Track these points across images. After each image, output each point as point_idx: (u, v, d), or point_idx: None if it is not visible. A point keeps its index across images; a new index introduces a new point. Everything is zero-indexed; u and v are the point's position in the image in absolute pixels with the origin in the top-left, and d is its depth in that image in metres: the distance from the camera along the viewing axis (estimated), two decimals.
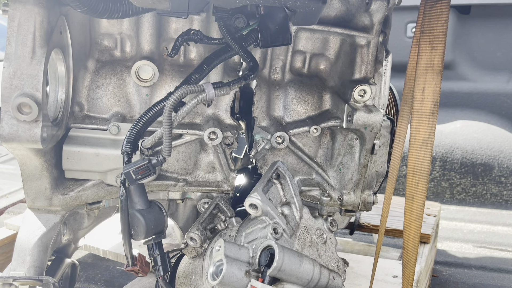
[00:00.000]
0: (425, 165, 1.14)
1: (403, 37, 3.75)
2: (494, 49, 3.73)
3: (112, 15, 1.17)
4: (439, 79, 1.11)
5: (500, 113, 3.67)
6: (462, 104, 3.74)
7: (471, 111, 3.70)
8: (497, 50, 3.74)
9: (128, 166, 1.06)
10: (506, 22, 3.64)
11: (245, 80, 1.15)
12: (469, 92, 3.74)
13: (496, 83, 3.70)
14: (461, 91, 3.77)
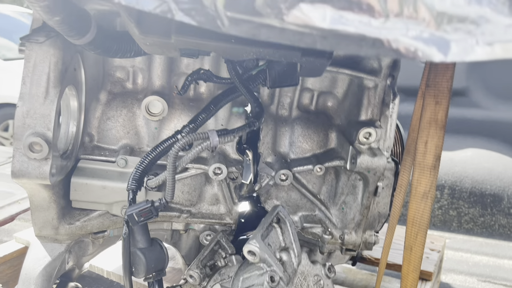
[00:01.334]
0: (425, 218, 1.15)
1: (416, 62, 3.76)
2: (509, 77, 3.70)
3: (125, 55, 1.20)
4: (442, 133, 1.12)
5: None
6: (474, 132, 3.71)
7: (483, 140, 3.66)
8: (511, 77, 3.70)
9: (131, 208, 1.09)
10: None
11: (249, 128, 1.17)
12: (482, 120, 3.71)
13: (510, 112, 3.66)
14: (474, 118, 3.74)
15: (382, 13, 0.56)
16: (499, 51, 0.55)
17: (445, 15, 0.56)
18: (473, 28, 0.56)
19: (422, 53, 0.55)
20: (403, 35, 0.56)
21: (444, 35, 0.56)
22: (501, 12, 0.57)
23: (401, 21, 0.56)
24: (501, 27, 0.56)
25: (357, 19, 0.56)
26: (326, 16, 0.56)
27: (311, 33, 0.57)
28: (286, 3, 0.56)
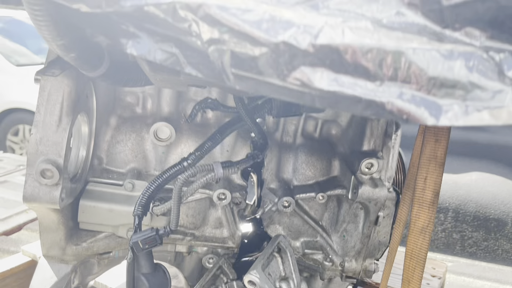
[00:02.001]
0: (423, 252, 1.17)
1: None
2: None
3: (136, 84, 1.25)
4: (441, 170, 1.15)
5: None
6: (479, 155, 3.72)
7: (489, 163, 3.67)
8: None
9: (137, 235, 1.12)
10: None
11: (253, 160, 1.21)
12: (487, 144, 3.72)
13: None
14: (480, 141, 3.76)
15: (378, 76, 0.60)
16: (487, 117, 0.58)
17: (437, 80, 0.60)
18: (463, 94, 0.59)
19: (415, 116, 0.59)
20: (397, 98, 0.59)
21: (435, 99, 0.59)
22: (490, 78, 0.60)
23: (395, 85, 0.60)
24: (490, 93, 0.59)
25: (354, 82, 0.60)
26: (325, 78, 0.60)
27: (310, 93, 0.61)
28: (288, 66, 0.60)
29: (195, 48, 0.65)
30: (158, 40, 0.68)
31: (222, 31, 0.61)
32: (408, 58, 0.60)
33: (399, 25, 0.64)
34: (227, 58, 0.63)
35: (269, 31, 0.59)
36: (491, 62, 0.61)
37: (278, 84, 0.62)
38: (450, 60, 0.60)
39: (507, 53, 0.61)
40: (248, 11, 0.60)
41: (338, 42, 0.59)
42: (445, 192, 3.46)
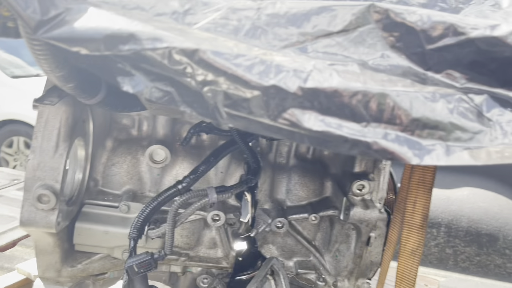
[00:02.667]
0: (412, 274, 1.20)
1: None
2: None
3: (132, 110, 1.27)
4: (430, 195, 1.18)
5: (509, 183, 3.67)
6: (471, 171, 3.76)
7: (480, 178, 3.71)
8: None
9: (132, 259, 1.14)
10: None
11: (246, 185, 1.24)
12: None
13: None
14: None
15: (363, 118, 0.63)
16: (467, 158, 0.61)
17: (420, 121, 0.63)
18: (445, 134, 0.63)
19: (399, 155, 0.62)
20: (382, 139, 0.62)
21: (419, 140, 0.62)
22: (470, 119, 0.63)
23: (380, 126, 0.63)
24: (470, 134, 0.62)
25: (341, 123, 0.63)
26: (313, 119, 0.63)
27: (300, 132, 0.64)
28: (278, 107, 0.63)
29: (190, 88, 0.68)
30: (154, 79, 0.71)
31: (216, 74, 0.64)
32: (393, 100, 0.63)
33: (384, 67, 0.67)
34: (221, 99, 0.66)
35: (261, 75, 0.62)
36: (471, 103, 0.64)
37: (269, 123, 0.65)
38: (432, 102, 0.64)
39: (486, 95, 0.65)
40: (240, 56, 0.63)
41: (325, 86, 0.62)
42: (437, 207, 3.50)
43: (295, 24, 0.70)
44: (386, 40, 0.69)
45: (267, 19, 0.70)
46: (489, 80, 0.67)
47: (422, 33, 0.67)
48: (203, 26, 0.70)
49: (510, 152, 0.61)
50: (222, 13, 0.71)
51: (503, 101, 0.65)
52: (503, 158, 0.60)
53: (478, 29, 0.64)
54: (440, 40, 0.66)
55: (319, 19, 0.70)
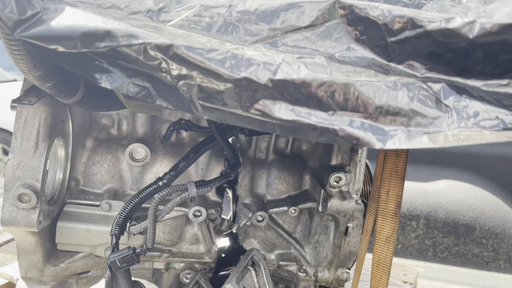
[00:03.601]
0: (388, 261, 1.24)
1: None
2: None
3: (111, 109, 1.29)
4: (402, 183, 1.23)
5: (484, 174, 3.79)
6: (448, 163, 3.86)
7: (457, 171, 3.81)
8: None
9: (114, 255, 1.16)
10: None
11: (225, 178, 1.27)
12: (454, 152, 3.87)
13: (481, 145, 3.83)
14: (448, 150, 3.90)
15: (330, 107, 0.67)
16: (427, 141, 0.65)
17: (383, 108, 0.67)
18: (406, 120, 0.67)
19: (364, 141, 0.66)
20: (347, 126, 0.66)
21: (382, 126, 0.67)
22: (429, 106, 0.68)
23: (346, 114, 0.67)
24: (429, 119, 0.67)
25: (310, 112, 0.67)
26: (283, 109, 0.67)
27: (271, 122, 0.68)
28: (250, 99, 0.67)
29: (165, 82, 0.71)
30: (131, 75, 0.74)
31: (190, 69, 0.67)
32: (357, 90, 0.67)
33: (350, 59, 0.71)
34: (195, 92, 0.69)
35: (232, 69, 0.65)
36: (430, 91, 0.69)
37: (242, 114, 0.68)
38: (394, 91, 0.68)
39: (444, 83, 0.70)
40: (213, 51, 0.67)
41: (294, 77, 0.66)
42: (416, 200, 3.58)
43: (265, 20, 0.73)
44: (351, 34, 0.73)
45: (238, 16, 0.74)
46: (447, 69, 0.72)
47: (384, 27, 0.71)
48: (177, 23, 0.73)
49: (465, 135, 0.65)
50: (195, 10, 0.74)
51: (459, 88, 0.70)
52: (459, 140, 0.65)
53: (434, 22, 0.69)
54: (401, 33, 0.71)
55: (288, 15, 0.73)
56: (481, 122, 0.66)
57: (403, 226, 3.56)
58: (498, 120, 0.66)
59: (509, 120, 0.66)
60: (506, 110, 0.67)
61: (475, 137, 0.65)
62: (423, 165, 3.91)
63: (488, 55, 0.70)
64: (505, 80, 0.70)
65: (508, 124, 0.66)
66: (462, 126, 0.66)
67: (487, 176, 3.74)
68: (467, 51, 0.70)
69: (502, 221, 3.41)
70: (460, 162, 3.81)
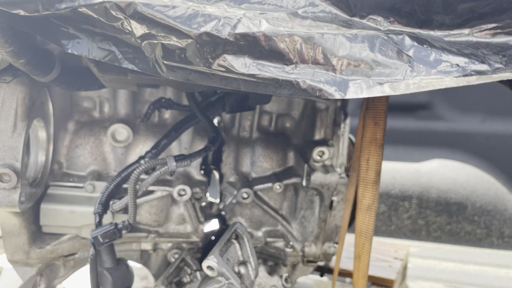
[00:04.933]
0: (370, 228, 1.25)
1: None
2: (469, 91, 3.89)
3: (89, 88, 1.29)
4: (381, 151, 1.24)
5: (475, 153, 3.80)
6: (439, 143, 3.87)
7: (448, 150, 3.82)
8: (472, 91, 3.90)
9: (96, 230, 1.17)
10: None
11: (205, 152, 1.27)
12: (445, 132, 3.88)
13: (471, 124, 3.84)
14: (438, 130, 3.91)
15: (293, 60, 0.67)
16: (388, 90, 0.66)
17: (344, 60, 0.67)
18: (368, 71, 0.67)
19: (326, 92, 0.66)
20: (309, 78, 0.67)
21: (343, 77, 0.67)
22: (390, 57, 0.68)
23: (308, 67, 0.67)
24: (390, 69, 0.67)
25: (272, 65, 0.67)
26: (246, 63, 0.67)
27: (235, 78, 0.68)
28: (212, 54, 0.67)
29: (130, 44, 0.71)
30: (96, 39, 0.74)
31: (150, 27, 0.67)
32: (318, 42, 0.67)
33: (312, 14, 0.72)
34: (159, 51, 0.69)
35: (193, 24, 0.66)
36: (391, 43, 0.69)
37: (206, 71, 0.68)
38: (355, 43, 0.68)
39: (405, 35, 0.70)
40: (173, 8, 0.67)
41: (255, 31, 0.66)
42: (408, 180, 3.60)
43: None
44: None
45: None
46: (409, 22, 0.72)
47: None
48: None
49: (426, 82, 0.66)
50: None
51: (421, 39, 0.70)
52: (419, 87, 0.66)
53: None
54: None
55: None
56: (441, 70, 0.67)
57: (396, 207, 3.58)
58: (458, 67, 0.67)
59: (469, 67, 0.67)
60: (466, 58, 0.68)
61: (435, 83, 0.66)
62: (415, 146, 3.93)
63: (447, 5, 0.70)
64: (466, 29, 0.71)
65: (467, 71, 0.67)
66: (423, 75, 0.67)
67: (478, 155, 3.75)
68: (428, 2, 0.71)
69: (494, 198, 3.44)
70: (451, 142, 3.83)
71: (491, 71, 0.66)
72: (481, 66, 0.67)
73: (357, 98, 0.67)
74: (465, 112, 3.82)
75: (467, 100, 3.81)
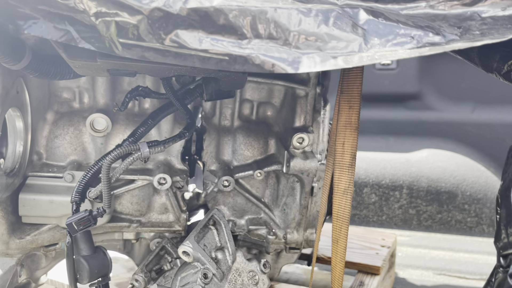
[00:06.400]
0: (346, 212, 1.26)
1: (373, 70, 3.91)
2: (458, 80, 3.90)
3: (64, 77, 1.29)
4: (356, 134, 1.24)
5: (465, 142, 3.81)
6: (429, 133, 3.88)
7: (438, 140, 3.83)
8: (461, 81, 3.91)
9: (71, 218, 1.17)
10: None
11: (180, 138, 1.27)
12: (435, 122, 3.89)
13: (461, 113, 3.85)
14: (428, 120, 3.92)
15: (246, 35, 0.67)
16: (341, 63, 0.66)
17: (298, 34, 0.67)
18: (322, 45, 0.67)
19: (279, 67, 0.66)
20: (263, 53, 0.67)
21: (297, 51, 0.67)
22: (344, 31, 0.68)
23: (262, 42, 0.67)
24: (345, 43, 0.67)
25: (226, 41, 0.67)
26: (199, 39, 0.67)
27: (189, 53, 0.68)
28: (164, 30, 0.67)
29: (85, 23, 0.71)
30: (52, 19, 0.74)
31: (101, 3, 0.67)
32: (271, 16, 0.67)
33: None
34: (113, 29, 0.69)
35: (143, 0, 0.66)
36: (346, 16, 0.69)
37: (159, 48, 0.68)
38: (309, 17, 0.68)
39: (360, 8, 0.70)
40: None
41: (207, 5, 0.66)
42: (398, 170, 3.61)
43: None
44: None
45: None
46: None
47: None
48: None
49: (379, 55, 0.66)
50: None
51: (376, 13, 0.70)
52: (373, 59, 0.65)
53: None
54: None
55: None
56: (396, 42, 0.67)
57: (387, 197, 3.59)
58: (412, 39, 0.67)
59: (423, 39, 0.67)
60: (421, 31, 0.68)
61: (389, 55, 0.66)
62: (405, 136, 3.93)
63: None
64: (423, 2, 0.71)
65: (422, 42, 0.67)
66: (376, 47, 0.67)
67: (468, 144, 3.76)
68: None
69: (484, 187, 3.45)
70: (441, 132, 3.83)
71: (444, 42, 0.66)
72: (435, 37, 0.67)
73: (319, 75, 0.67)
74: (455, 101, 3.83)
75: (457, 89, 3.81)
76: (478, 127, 3.79)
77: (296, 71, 0.65)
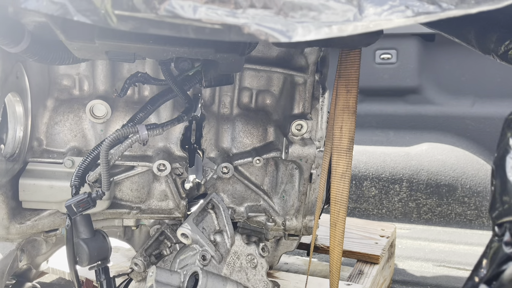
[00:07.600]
0: (344, 196, 1.26)
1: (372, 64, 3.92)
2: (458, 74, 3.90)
3: (63, 62, 1.30)
4: (354, 118, 1.24)
5: (465, 136, 3.81)
6: (429, 127, 3.88)
7: (438, 134, 3.83)
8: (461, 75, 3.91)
9: (70, 200, 1.18)
10: (469, 48, 3.81)
11: (178, 122, 1.28)
12: (435, 115, 3.89)
13: (461, 107, 3.85)
14: (428, 114, 3.92)
15: (240, 4, 0.68)
16: (336, 31, 0.66)
17: (293, 4, 0.68)
18: (316, 14, 0.68)
19: (272, 35, 0.67)
20: (257, 22, 0.67)
21: (292, 20, 0.68)
22: (339, 2, 0.69)
23: (256, 11, 0.68)
24: (340, 12, 0.68)
25: (220, 9, 0.67)
26: (193, 8, 0.67)
27: (184, 24, 0.68)
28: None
29: None
30: None
31: None
32: None
33: None
34: (108, 0, 0.69)
35: None
36: None
37: (154, 19, 0.69)
38: None
39: None
40: None
41: None
42: (398, 163, 3.61)
43: None
44: None
45: None
46: None
47: None
48: None
49: (374, 24, 0.66)
50: None
51: None
52: (367, 28, 0.66)
53: None
54: None
55: None
56: (390, 11, 0.68)
57: (387, 191, 3.59)
58: (407, 8, 0.67)
59: (418, 8, 0.67)
60: (416, 0, 0.68)
61: (383, 24, 0.66)
62: (405, 130, 3.94)
63: None
64: None
65: (416, 11, 0.67)
66: (371, 16, 0.67)
67: (468, 137, 3.76)
68: None
69: (484, 179, 3.45)
70: (441, 125, 3.84)
71: (440, 11, 0.67)
72: (430, 7, 0.67)
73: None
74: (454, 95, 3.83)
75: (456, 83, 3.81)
76: (477, 120, 3.79)
77: (289, 40, 0.66)
